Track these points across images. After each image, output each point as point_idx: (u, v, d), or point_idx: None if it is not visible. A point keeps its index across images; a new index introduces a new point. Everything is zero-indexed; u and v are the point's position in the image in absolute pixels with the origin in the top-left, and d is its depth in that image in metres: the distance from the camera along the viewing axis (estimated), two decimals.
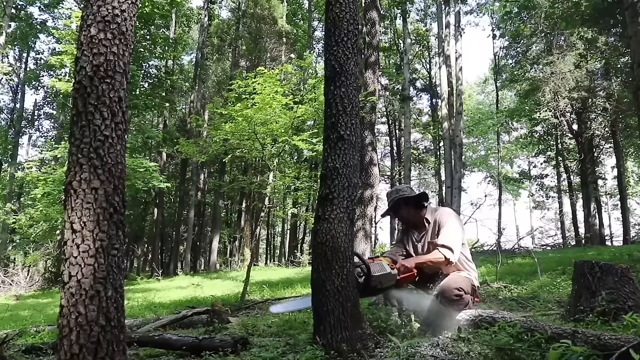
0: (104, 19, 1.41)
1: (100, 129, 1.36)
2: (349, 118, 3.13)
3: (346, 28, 3.19)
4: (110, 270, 1.31)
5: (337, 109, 3.13)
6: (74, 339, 1.25)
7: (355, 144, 3.17)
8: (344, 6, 3.23)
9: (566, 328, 2.82)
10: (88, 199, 1.31)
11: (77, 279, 1.28)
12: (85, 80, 1.37)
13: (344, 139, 3.11)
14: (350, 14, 3.24)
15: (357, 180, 3.23)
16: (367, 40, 10.38)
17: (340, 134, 3.11)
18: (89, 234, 1.29)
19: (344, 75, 3.15)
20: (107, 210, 1.33)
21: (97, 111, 1.36)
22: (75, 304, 1.26)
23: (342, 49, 3.17)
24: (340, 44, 3.17)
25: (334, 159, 3.10)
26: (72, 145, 1.35)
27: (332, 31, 3.21)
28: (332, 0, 3.25)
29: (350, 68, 3.18)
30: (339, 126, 3.11)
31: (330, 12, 3.26)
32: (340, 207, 3.06)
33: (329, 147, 3.15)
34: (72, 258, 1.29)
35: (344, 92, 3.14)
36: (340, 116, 3.12)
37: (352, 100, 3.17)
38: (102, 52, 1.39)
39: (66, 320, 1.26)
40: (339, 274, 3.04)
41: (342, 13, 3.22)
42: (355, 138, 3.17)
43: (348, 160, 3.12)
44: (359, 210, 9.60)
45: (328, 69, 3.22)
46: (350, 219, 3.15)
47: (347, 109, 3.13)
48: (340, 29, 3.19)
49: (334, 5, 3.24)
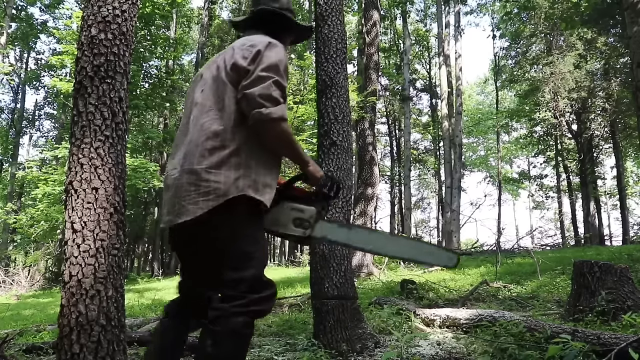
0: (105, 20, 1.41)
1: (101, 129, 1.37)
2: (341, 126, 3.32)
3: (335, 46, 3.43)
4: (110, 270, 1.32)
5: (329, 118, 3.31)
6: (75, 338, 1.25)
7: (347, 149, 3.33)
8: (332, 27, 3.45)
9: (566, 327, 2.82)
10: (89, 198, 1.32)
11: (78, 279, 1.28)
12: (86, 81, 1.38)
13: (336, 144, 3.29)
14: (338, 34, 3.46)
15: (351, 182, 3.35)
16: (368, 41, 10.37)
17: (332, 140, 3.29)
18: (90, 234, 1.30)
19: (334, 88, 3.36)
20: (107, 210, 1.34)
21: (98, 111, 1.37)
22: (76, 304, 1.27)
23: (332, 65, 3.39)
24: (330, 60, 3.40)
25: (327, 164, 3.26)
26: (73, 145, 1.36)
27: (322, 49, 3.43)
28: (321, 22, 3.46)
29: (340, 81, 3.39)
30: (331, 133, 3.29)
31: (319, 32, 3.47)
32: (335, 208, 3.20)
33: (322, 153, 3.32)
34: (73, 258, 1.29)
35: (335, 102, 3.35)
36: (332, 124, 3.30)
37: (343, 110, 3.36)
38: (102, 52, 1.40)
39: (67, 320, 1.26)
40: (337, 271, 3.13)
41: (330, 33, 3.44)
42: (347, 144, 3.33)
43: (341, 164, 3.27)
44: (360, 209, 9.60)
45: (319, 82, 3.43)
46: (346, 219, 3.26)
47: (339, 117, 3.33)
48: (330, 47, 3.42)
49: (322, 27, 3.46)
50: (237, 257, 1.57)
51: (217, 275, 1.59)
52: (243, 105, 1.60)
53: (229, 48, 1.74)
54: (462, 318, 3.68)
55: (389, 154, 27.45)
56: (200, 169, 1.55)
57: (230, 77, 1.63)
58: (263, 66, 1.61)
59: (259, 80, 1.59)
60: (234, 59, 1.65)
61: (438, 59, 21.48)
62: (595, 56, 16.35)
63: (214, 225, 1.56)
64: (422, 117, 28.19)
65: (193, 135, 1.62)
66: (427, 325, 3.81)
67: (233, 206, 1.56)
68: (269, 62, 1.63)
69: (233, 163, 1.57)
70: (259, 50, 1.63)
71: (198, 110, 1.66)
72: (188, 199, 1.55)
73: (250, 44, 1.67)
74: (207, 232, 1.58)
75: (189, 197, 1.55)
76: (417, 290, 5.57)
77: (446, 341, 3.22)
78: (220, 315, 1.51)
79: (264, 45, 1.65)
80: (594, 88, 16.80)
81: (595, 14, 12.59)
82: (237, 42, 1.75)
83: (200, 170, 1.55)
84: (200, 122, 1.62)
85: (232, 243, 1.57)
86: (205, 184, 1.54)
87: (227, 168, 1.56)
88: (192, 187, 1.54)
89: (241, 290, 1.53)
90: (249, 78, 1.60)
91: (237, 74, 1.63)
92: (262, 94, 1.57)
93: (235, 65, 1.63)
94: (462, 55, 20.55)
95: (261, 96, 1.56)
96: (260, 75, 1.59)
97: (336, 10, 3.48)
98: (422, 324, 3.80)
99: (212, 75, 1.69)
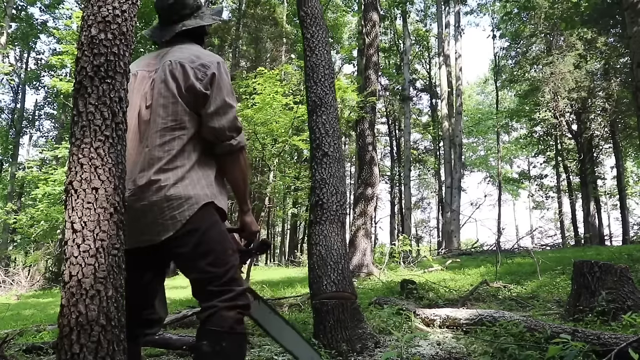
0: (105, 20, 1.41)
1: (101, 129, 1.36)
2: (332, 139, 3.64)
3: (322, 72, 3.80)
4: (110, 270, 1.32)
5: (320, 133, 3.63)
6: (75, 338, 1.25)
7: (339, 159, 3.63)
8: (319, 55, 3.87)
9: (566, 327, 2.82)
10: (89, 198, 1.31)
11: (78, 279, 1.28)
12: (86, 81, 1.37)
13: (328, 155, 3.57)
14: (325, 61, 3.86)
15: (344, 189, 3.60)
16: (368, 42, 10.39)
17: (324, 151, 3.59)
18: (90, 234, 1.30)
19: (324, 107, 3.70)
20: (107, 210, 1.34)
21: (98, 111, 1.37)
22: (76, 304, 1.27)
23: (321, 87, 3.74)
24: (319, 83, 3.76)
25: (321, 172, 3.53)
26: (73, 145, 1.36)
27: (310, 75, 3.83)
28: (309, 52, 3.90)
29: (329, 101, 3.73)
30: (323, 145, 3.60)
31: (308, 60, 3.90)
32: (329, 211, 3.43)
33: (315, 163, 3.60)
34: (73, 258, 1.29)
35: (325, 119, 3.67)
36: (323, 137, 3.62)
37: (332, 125, 3.67)
38: (102, 52, 1.39)
39: (67, 320, 1.26)
40: (335, 269, 3.22)
41: (318, 60, 3.84)
42: (339, 155, 3.64)
43: (334, 172, 3.55)
44: (360, 209, 9.61)
45: (310, 103, 3.77)
46: (341, 222, 3.48)
47: (329, 132, 3.66)
48: (318, 73, 3.80)
49: (310, 56, 3.88)
50: (219, 253, 1.62)
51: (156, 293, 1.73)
52: (210, 136, 1.67)
53: (174, 62, 1.66)
54: (462, 318, 3.68)
55: (389, 154, 27.47)
56: (169, 184, 1.58)
57: (185, 99, 1.63)
58: (223, 94, 1.67)
59: (223, 111, 1.66)
60: (190, 80, 1.63)
61: (438, 59, 21.49)
62: (595, 56, 16.35)
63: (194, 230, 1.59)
64: (422, 117, 28.20)
65: (147, 155, 1.60)
66: (427, 325, 3.81)
67: (208, 211, 1.63)
68: (227, 87, 1.70)
69: (194, 177, 1.63)
70: (214, 73, 1.66)
71: (149, 128, 1.63)
72: (163, 217, 1.58)
73: (201, 63, 1.67)
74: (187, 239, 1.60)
75: (163, 215, 1.57)
76: (417, 290, 5.57)
77: (446, 341, 3.22)
78: (212, 312, 1.55)
79: (215, 66, 1.68)
80: (594, 88, 16.80)
81: (595, 14, 12.59)
82: (179, 54, 1.69)
83: (169, 185, 1.58)
84: (156, 142, 1.61)
85: (213, 241, 1.62)
86: (176, 197, 1.58)
87: (191, 180, 1.62)
88: (165, 204, 1.57)
89: (227, 284, 1.59)
90: (212, 107, 1.65)
91: (194, 97, 1.64)
92: (231, 127, 1.67)
93: (192, 88, 1.63)
94: (462, 55, 20.57)
95: (230, 129, 1.67)
96: (224, 105, 1.66)
97: (322, 42, 3.94)
98: (422, 324, 3.80)
99: (162, 92, 1.64)
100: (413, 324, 3.61)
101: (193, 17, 1.83)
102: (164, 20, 1.84)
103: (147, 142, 1.62)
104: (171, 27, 1.81)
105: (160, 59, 1.73)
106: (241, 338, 1.62)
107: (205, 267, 1.59)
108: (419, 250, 16.62)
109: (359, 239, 9.39)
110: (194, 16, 1.83)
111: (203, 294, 1.61)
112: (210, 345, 1.53)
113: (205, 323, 1.57)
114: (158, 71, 1.68)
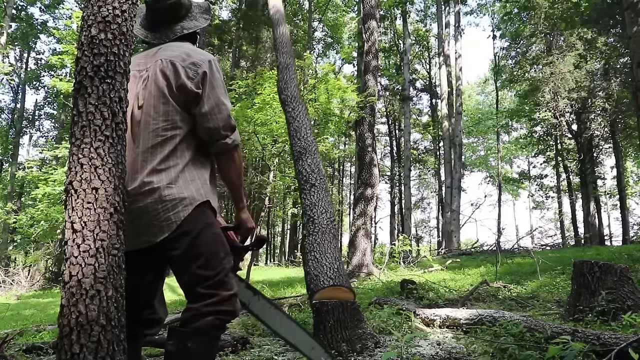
0: (105, 20, 1.41)
1: (101, 129, 1.36)
2: (317, 175, 4.26)
3: (304, 132, 4.65)
4: (110, 270, 1.32)
5: (307, 171, 4.28)
6: (75, 338, 1.25)
7: (325, 189, 4.20)
8: (300, 121, 4.75)
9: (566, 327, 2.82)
10: (89, 198, 1.31)
11: (78, 279, 1.28)
12: (86, 81, 1.37)
13: (315, 185, 4.16)
14: (305, 125, 4.73)
15: (332, 210, 4.10)
16: (366, 48, 10.57)
17: (312, 183, 4.17)
18: (90, 234, 1.30)
19: (308, 153, 4.43)
20: (107, 210, 1.34)
21: (98, 111, 1.37)
22: (76, 304, 1.27)
23: (304, 141, 4.55)
24: (302, 139, 4.57)
25: (310, 198, 4.06)
26: (73, 145, 1.36)
27: (294, 134, 4.66)
28: (292, 120, 4.78)
29: (313, 149, 4.49)
30: (310, 179, 4.21)
31: (291, 125, 4.76)
32: (320, 225, 3.83)
33: (304, 193, 4.14)
34: (73, 258, 1.29)
35: (310, 161, 4.35)
36: (309, 174, 4.24)
37: (317, 166, 4.34)
38: (102, 52, 1.39)
39: (67, 320, 1.26)
40: (330, 268, 3.41)
41: (299, 125, 4.71)
42: (325, 186, 4.23)
43: (322, 197, 4.06)
44: (360, 209, 9.62)
45: (295, 152, 4.51)
46: (332, 234, 3.84)
47: (315, 170, 4.28)
48: (300, 132, 4.64)
49: (293, 122, 4.75)
50: (209, 256, 1.60)
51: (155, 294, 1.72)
52: (204, 136, 1.66)
53: (165, 61, 1.64)
54: (462, 318, 3.67)
55: (389, 154, 27.46)
56: (163, 186, 1.57)
57: (176, 98, 1.62)
58: (216, 93, 1.66)
59: (217, 110, 1.65)
60: (181, 79, 1.61)
61: (438, 59, 21.49)
62: (595, 56, 16.34)
63: (188, 231, 1.58)
64: (422, 117, 28.19)
65: (140, 157, 1.59)
66: (427, 325, 3.81)
67: (202, 211, 1.62)
68: (220, 86, 1.68)
69: (188, 177, 1.62)
70: (205, 72, 1.65)
71: (141, 129, 1.62)
72: (158, 218, 1.57)
73: (192, 62, 1.65)
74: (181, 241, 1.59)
75: (158, 217, 1.57)
76: (417, 290, 5.57)
77: (446, 341, 3.22)
78: (192, 315, 1.55)
79: (206, 64, 1.66)
80: (594, 88, 16.79)
81: (595, 14, 12.59)
82: (169, 52, 1.68)
83: (162, 187, 1.57)
84: (148, 144, 1.60)
85: (205, 244, 1.60)
86: (170, 198, 1.57)
87: (185, 181, 1.61)
88: (159, 205, 1.56)
89: (213, 287, 1.57)
90: (205, 106, 1.63)
91: (185, 96, 1.63)
92: (226, 126, 1.67)
93: (182, 86, 1.62)
94: (462, 55, 20.55)
95: (225, 128, 1.66)
96: (218, 104, 1.65)
97: (302, 113, 4.84)
98: (422, 324, 3.80)
99: (152, 92, 1.63)
100: (413, 324, 3.61)
101: (188, 17, 1.82)
102: (158, 21, 1.80)
103: (139, 143, 1.61)
104: (169, 28, 1.79)
105: (150, 57, 1.71)
106: (212, 341, 1.60)
107: (195, 270, 1.58)
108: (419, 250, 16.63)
109: (358, 239, 9.39)
110: (188, 16, 1.82)
111: (192, 295, 1.60)
112: (174, 345, 1.53)
113: (183, 324, 1.56)
114: (149, 70, 1.67)
